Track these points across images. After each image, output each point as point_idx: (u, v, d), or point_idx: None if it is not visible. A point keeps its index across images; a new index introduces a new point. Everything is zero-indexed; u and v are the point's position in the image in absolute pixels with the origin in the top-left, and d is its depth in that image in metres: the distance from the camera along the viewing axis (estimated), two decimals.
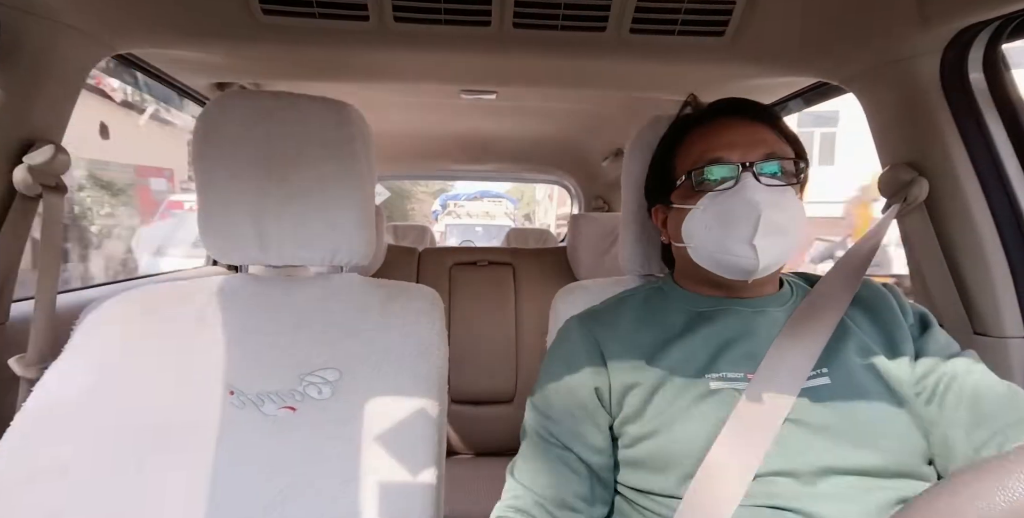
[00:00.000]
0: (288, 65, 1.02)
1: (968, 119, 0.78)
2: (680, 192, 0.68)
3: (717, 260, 0.64)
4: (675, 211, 0.69)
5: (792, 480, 0.55)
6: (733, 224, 0.61)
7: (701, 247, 0.65)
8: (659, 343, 0.64)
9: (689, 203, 0.65)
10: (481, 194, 9.11)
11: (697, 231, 0.65)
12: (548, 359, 0.70)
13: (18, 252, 0.76)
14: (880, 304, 0.66)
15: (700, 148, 0.66)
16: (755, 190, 0.61)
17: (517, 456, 0.68)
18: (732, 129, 0.65)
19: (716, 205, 0.63)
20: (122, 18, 0.79)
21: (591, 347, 0.67)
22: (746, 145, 0.63)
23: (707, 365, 0.61)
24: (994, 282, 0.77)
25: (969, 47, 0.76)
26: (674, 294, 0.71)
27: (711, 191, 0.63)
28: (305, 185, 0.72)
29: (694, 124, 0.70)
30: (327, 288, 0.76)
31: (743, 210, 0.61)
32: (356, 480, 0.62)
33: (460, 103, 1.50)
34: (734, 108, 0.68)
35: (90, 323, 0.71)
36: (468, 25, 0.84)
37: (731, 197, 0.62)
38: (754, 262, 0.61)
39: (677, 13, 0.82)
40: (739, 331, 0.63)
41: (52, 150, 0.73)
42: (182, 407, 0.66)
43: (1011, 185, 0.77)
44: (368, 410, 0.66)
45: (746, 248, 0.60)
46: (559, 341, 0.71)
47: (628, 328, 0.67)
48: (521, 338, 1.64)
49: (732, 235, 0.61)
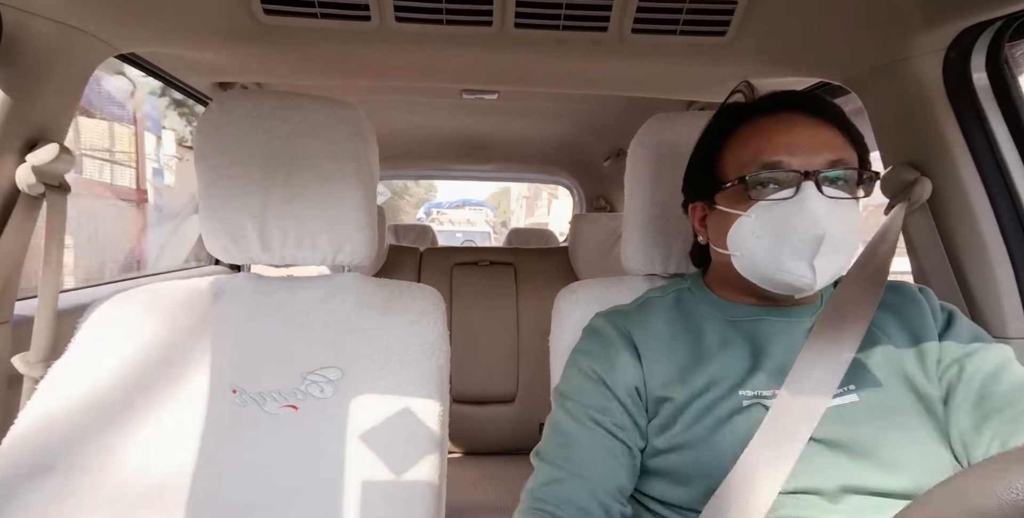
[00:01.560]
0: (290, 65, 1.02)
1: (971, 119, 0.77)
2: (728, 194, 0.61)
3: (766, 275, 0.58)
4: (719, 213, 0.62)
5: (817, 498, 0.53)
6: (790, 239, 0.55)
7: (749, 259, 0.59)
8: (695, 356, 0.61)
9: (738, 208, 0.59)
10: (463, 202, 9.83)
11: (746, 241, 0.58)
12: (580, 353, 0.66)
13: (22, 251, 0.76)
14: (909, 308, 0.62)
15: (755, 147, 0.58)
16: (818, 202, 0.54)
17: (547, 441, 0.63)
18: (794, 128, 0.58)
19: (771, 215, 0.56)
20: (125, 18, 0.79)
21: (628, 344, 0.63)
22: (810, 148, 0.56)
23: (741, 381, 0.58)
24: (997, 282, 0.77)
25: (972, 47, 0.75)
26: (705, 299, 0.67)
27: (764, 199, 0.57)
28: (307, 185, 0.72)
29: (748, 116, 0.62)
30: (329, 288, 0.76)
31: (803, 225, 0.55)
32: (357, 479, 0.62)
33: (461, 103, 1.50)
34: (797, 103, 0.60)
35: (93, 321, 0.71)
36: (469, 25, 0.84)
37: (789, 208, 0.55)
38: (810, 282, 0.55)
39: (678, 13, 0.82)
40: (773, 343, 0.60)
41: (56, 149, 0.73)
42: (185, 405, 0.66)
43: (1014, 185, 0.76)
44: (370, 409, 0.66)
45: (803, 267, 0.55)
46: (592, 335, 0.67)
47: (662, 333, 0.63)
48: (522, 338, 1.64)
49: (788, 251, 0.55)
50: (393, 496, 0.62)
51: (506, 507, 1.39)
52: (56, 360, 0.69)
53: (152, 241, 4.31)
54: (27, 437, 0.63)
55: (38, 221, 0.77)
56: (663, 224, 0.80)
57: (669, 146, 0.79)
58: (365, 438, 0.65)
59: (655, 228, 0.80)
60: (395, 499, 0.62)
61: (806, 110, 0.59)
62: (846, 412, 0.56)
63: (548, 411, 0.78)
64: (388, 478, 0.63)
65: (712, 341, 0.62)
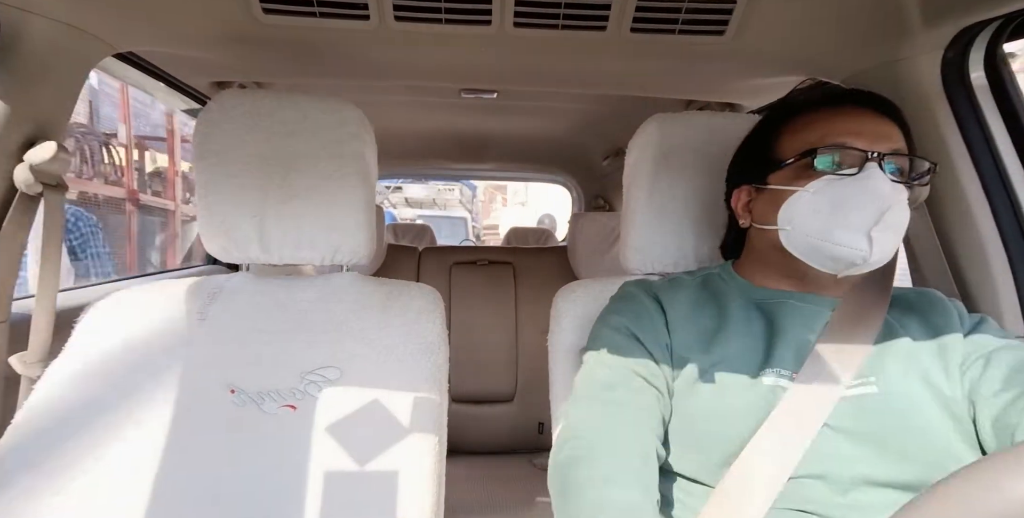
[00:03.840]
0: (289, 64, 1.02)
1: (969, 118, 0.77)
2: (786, 172, 0.62)
3: (816, 247, 0.59)
4: (770, 193, 0.64)
5: (826, 487, 0.53)
6: (851, 211, 0.57)
7: (801, 231, 0.60)
8: (717, 328, 0.62)
9: (795, 184, 0.61)
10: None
11: (801, 213, 0.60)
12: (610, 312, 0.68)
13: (19, 251, 0.76)
14: (934, 311, 0.63)
15: (821, 131, 0.61)
16: (882, 180, 0.56)
17: (582, 389, 0.63)
18: (859, 117, 0.61)
19: (832, 190, 0.58)
20: (122, 17, 0.79)
21: (657, 307, 0.66)
22: (873, 136, 0.59)
23: (763, 359, 0.59)
24: (995, 282, 0.77)
25: (970, 46, 0.76)
26: (733, 282, 0.68)
27: (830, 174, 0.59)
28: (306, 184, 0.72)
29: (808, 107, 0.64)
30: (328, 287, 0.76)
31: (867, 198, 0.56)
32: (356, 478, 0.62)
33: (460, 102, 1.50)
34: (857, 96, 0.63)
35: (91, 321, 0.71)
36: (468, 24, 0.84)
37: (853, 183, 0.57)
38: (865, 254, 0.56)
39: (678, 12, 0.82)
40: (796, 325, 0.61)
41: (53, 148, 0.73)
42: (183, 405, 0.66)
43: (1012, 184, 0.77)
44: (368, 409, 0.66)
45: (859, 238, 0.56)
46: (621, 298, 0.70)
47: (688, 304, 0.66)
48: (521, 337, 1.64)
49: (846, 223, 0.57)
50: (392, 496, 0.62)
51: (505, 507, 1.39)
52: (53, 360, 0.69)
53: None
54: (24, 436, 0.63)
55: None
56: (661, 223, 0.80)
57: (668, 145, 0.79)
58: (363, 438, 0.65)
59: (653, 227, 0.80)
60: (394, 499, 0.62)
61: (866, 104, 0.62)
62: (864, 402, 0.56)
63: (548, 410, 0.79)
64: (387, 478, 0.63)
65: (734, 317, 0.63)
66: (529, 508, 1.29)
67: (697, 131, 0.79)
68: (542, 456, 1.58)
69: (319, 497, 0.61)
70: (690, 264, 0.81)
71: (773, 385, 0.57)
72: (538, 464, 1.54)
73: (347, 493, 0.62)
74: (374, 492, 0.62)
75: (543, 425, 1.61)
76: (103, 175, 3.76)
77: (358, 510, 0.61)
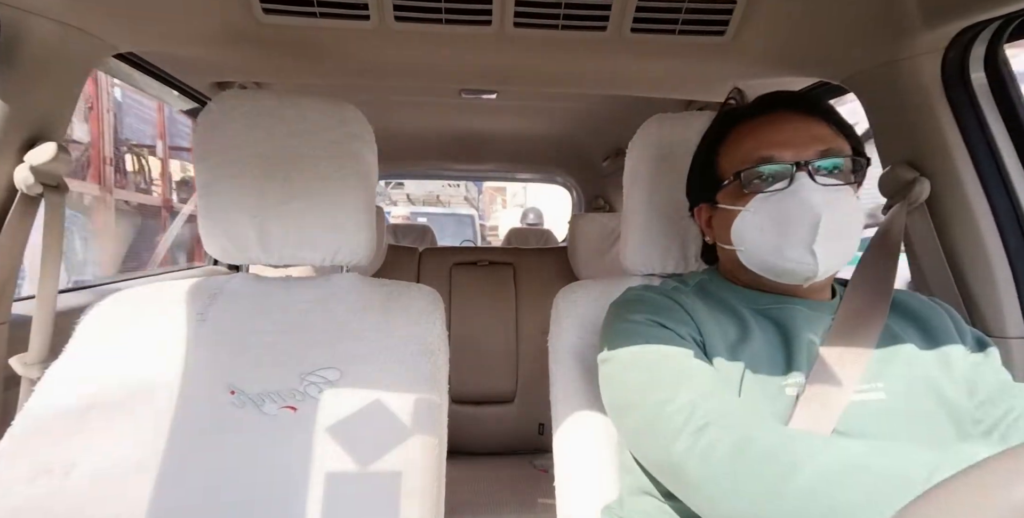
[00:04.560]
0: (289, 65, 1.02)
1: (969, 119, 0.77)
2: (728, 192, 0.64)
3: (771, 265, 0.60)
4: (721, 211, 0.65)
5: None
6: (789, 228, 0.57)
7: (753, 251, 0.61)
8: (741, 335, 0.60)
9: (738, 204, 0.61)
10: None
11: (748, 234, 0.61)
12: (627, 311, 0.63)
13: (19, 251, 0.76)
14: (932, 320, 0.63)
15: (749, 145, 0.61)
16: (811, 190, 0.57)
17: (637, 380, 0.57)
18: (784, 125, 0.61)
19: (769, 207, 0.59)
20: (123, 17, 0.79)
21: (677, 305, 0.62)
22: (800, 142, 0.59)
23: (784, 367, 0.58)
24: (996, 282, 0.77)
25: (970, 47, 0.76)
26: (730, 288, 0.67)
27: (762, 192, 0.59)
28: (306, 185, 0.72)
29: (741, 119, 0.65)
30: (328, 288, 0.76)
31: (799, 212, 0.57)
32: (356, 479, 0.62)
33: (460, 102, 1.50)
34: (785, 102, 0.63)
35: (91, 322, 0.71)
36: (468, 25, 0.84)
37: (785, 199, 0.58)
38: (813, 268, 0.57)
39: (678, 13, 0.82)
40: (805, 331, 0.60)
41: (54, 149, 0.73)
42: (183, 406, 0.66)
43: (1012, 185, 0.77)
44: (368, 410, 0.66)
45: (804, 254, 0.57)
46: (632, 300, 0.64)
47: (705, 310, 0.62)
48: (522, 338, 1.64)
49: (788, 240, 0.57)
50: (392, 496, 0.62)
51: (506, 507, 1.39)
52: (54, 361, 0.69)
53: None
54: (25, 438, 0.63)
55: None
56: (662, 224, 0.80)
57: (668, 146, 0.79)
58: (363, 439, 0.64)
59: (654, 228, 0.80)
60: (394, 500, 0.62)
61: (794, 108, 0.62)
62: (872, 407, 0.56)
63: (548, 411, 0.78)
64: (387, 478, 0.63)
65: (752, 325, 0.61)
66: (530, 509, 1.29)
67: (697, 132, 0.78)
68: (542, 457, 1.58)
69: (319, 498, 0.61)
70: (690, 265, 0.81)
71: (795, 394, 0.57)
72: (538, 465, 1.54)
73: (347, 494, 0.61)
74: (374, 493, 0.62)
75: (543, 426, 1.61)
76: (135, 184, 4.19)
77: (358, 511, 0.61)
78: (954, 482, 0.26)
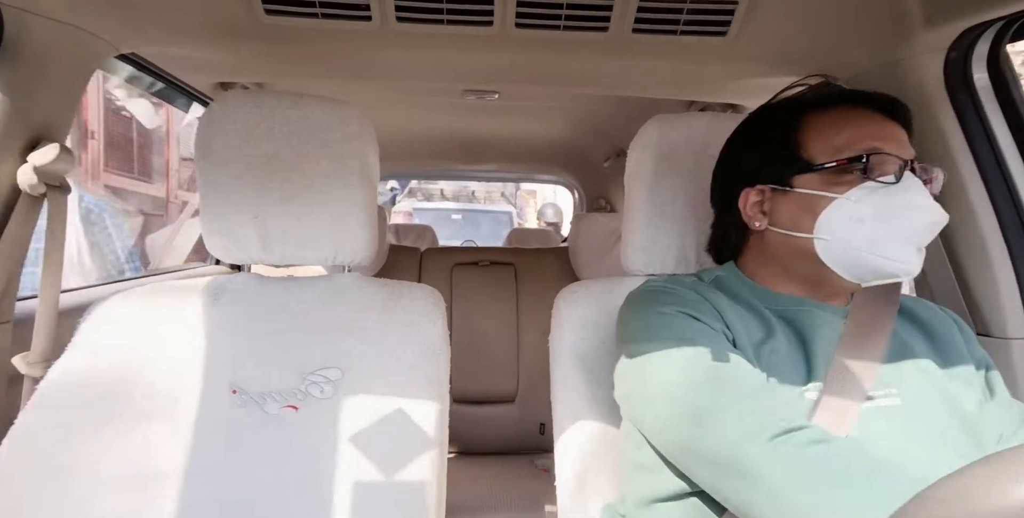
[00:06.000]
0: (291, 65, 1.02)
1: (972, 119, 0.77)
2: (816, 177, 0.58)
3: (860, 259, 0.56)
4: (798, 197, 0.59)
5: None
6: (899, 224, 0.54)
7: (842, 242, 0.56)
8: (764, 337, 0.58)
9: (831, 190, 0.57)
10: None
11: (842, 224, 0.56)
12: (650, 302, 0.60)
13: (22, 251, 0.76)
14: (939, 328, 0.63)
15: (850, 134, 0.57)
16: (921, 190, 0.55)
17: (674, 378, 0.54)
18: (881, 121, 0.58)
19: (875, 199, 0.55)
20: (125, 18, 0.79)
21: (702, 298, 0.60)
22: (900, 143, 0.57)
23: (806, 372, 0.57)
24: (997, 283, 0.77)
25: (973, 47, 0.75)
26: (746, 287, 0.64)
27: (867, 183, 0.55)
28: (308, 184, 0.72)
29: (831, 104, 0.61)
30: (329, 288, 0.76)
31: (915, 210, 0.54)
32: (357, 479, 0.62)
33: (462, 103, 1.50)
34: (878, 99, 0.60)
35: (94, 322, 0.71)
36: (470, 25, 0.84)
37: (898, 194, 0.54)
38: (914, 267, 0.55)
39: (679, 13, 0.82)
40: (823, 335, 0.59)
41: (56, 149, 0.73)
42: (184, 406, 0.66)
43: (1015, 185, 0.77)
44: (370, 409, 0.66)
45: (912, 253, 0.55)
46: (660, 292, 0.62)
47: (728, 308, 0.60)
48: (523, 338, 1.64)
49: (894, 236, 0.54)
50: (393, 496, 0.62)
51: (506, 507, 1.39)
52: (56, 360, 0.69)
53: None
54: (27, 437, 0.63)
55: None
56: (663, 224, 0.80)
57: (669, 146, 0.79)
58: (365, 438, 0.65)
59: (655, 228, 0.80)
60: (395, 499, 0.62)
61: (884, 108, 0.60)
62: (890, 413, 0.55)
63: (549, 411, 0.78)
64: (388, 478, 0.63)
65: (775, 327, 0.59)
66: (531, 508, 1.29)
67: (698, 132, 0.78)
68: (543, 456, 1.58)
69: (320, 497, 0.61)
70: (691, 265, 0.81)
71: (813, 398, 0.56)
72: (539, 464, 1.54)
73: (348, 493, 0.62)
74: (375, 492, 0.62)
75: (544, 426, 1.61)
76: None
77: (359, 510, 0.61)
78: (953, 481, 0.27)
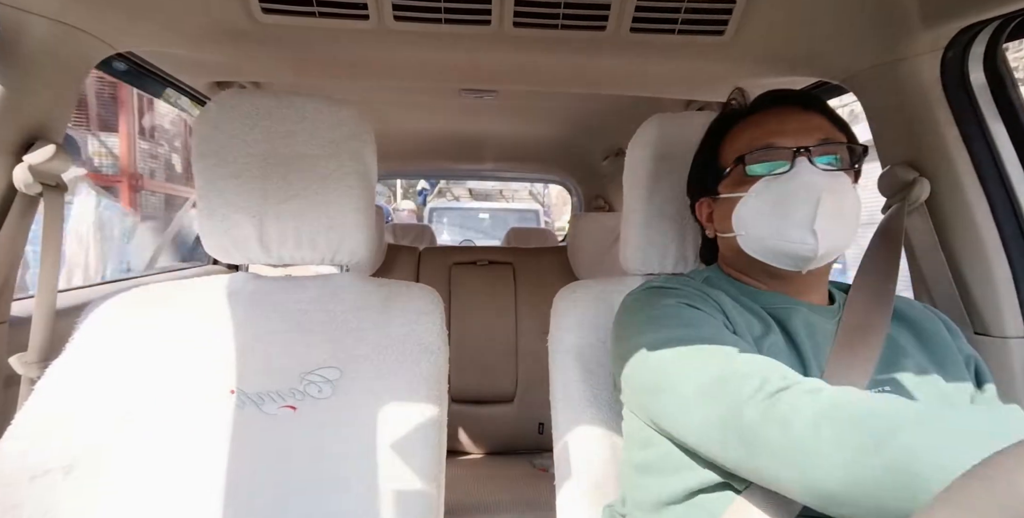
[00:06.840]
0: (288, 64, 1.02)
1: (969, 118, 0.77)
2: (729, 181, 0.65)
3: (771, 248, 0.61)
4: (723, 201, 0.66)
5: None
6: (790, 208, 0.59)
7: (754, 235, 0.62)
8: (761, 328, 0.60)
9: (739, 191, 0.63)
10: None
11: (749, 218, 0.62)
12: (654, 296, 0.62)
13: (19, 251, 0.76)
14: (928, 326, 0.64)
15: (750, 136, 0.64)
16: (811, 173, 0.59)
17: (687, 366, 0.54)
18: (784, 117, 0.63)
19: (771, 190, 0.60)
20: (122, 17, 0.79)
21: (704, 293, 0.62)
22: (799, 132, 0.61)
23: (802, 370, 0.58)
24: (995, 282, 0.77)
25: (970, 46, 0.76)
26: (732, 285, 0.66)
27: (764, 177, 0.61)
28: (305, 184, 0.72)
29: (742, 115, 0.67)
30: (327, 287, 0.76)
31: (801, 193, 0.58)
32: (356, 479, 0.62)
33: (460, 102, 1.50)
34: (784, 98, 0.66)
35: (91, 322, 0.71)
36: (468, 24, 0.84)
37: (787, 181, 0.59)
38: (813, 248, 0.58)
39: (677, 12, 0.82)
40: (811, 333, 0.61)
41: (53, 149, 0.73)
42: (183, 406, 0.66)
43: (1012, 185, 0.77)
44: (368, 409, 0.66)
45: (805, 233, 0.58)
46: (662, 287, 0.63)
47: (726, 299, 0.62)
48: (521, 338, 1.64)
49: (789, 220, 0.58)
50: (392, 496, 0.62)
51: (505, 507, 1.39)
52: (54, 360, 0.69)
53: None
54: (24, 438, 0.63)
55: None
56: (661, 224, 0.80)
57: (668, 146, 0.79)
58: (363, 438, 0.65)
59: (653, 228, 0.80)
60: (394, 499, 0.62)
61: (793, 103, 0.65)
62: None
63: (548, 410, 0.78)
64: (386, 478, 0.63)
65: (772, 325, 0.61)
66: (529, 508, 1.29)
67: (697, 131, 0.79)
68: (542, 456, 1.58)
69: (319, 497, 0.61)
70: (690, 265, 0.81)
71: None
72: (538, 464, 1.54)
73: (347, 493, 0.62)
74: (374, 492, 0.62)
75: (543, 425, 1.61)
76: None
77: (358, 510, 0.61)
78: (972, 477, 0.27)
